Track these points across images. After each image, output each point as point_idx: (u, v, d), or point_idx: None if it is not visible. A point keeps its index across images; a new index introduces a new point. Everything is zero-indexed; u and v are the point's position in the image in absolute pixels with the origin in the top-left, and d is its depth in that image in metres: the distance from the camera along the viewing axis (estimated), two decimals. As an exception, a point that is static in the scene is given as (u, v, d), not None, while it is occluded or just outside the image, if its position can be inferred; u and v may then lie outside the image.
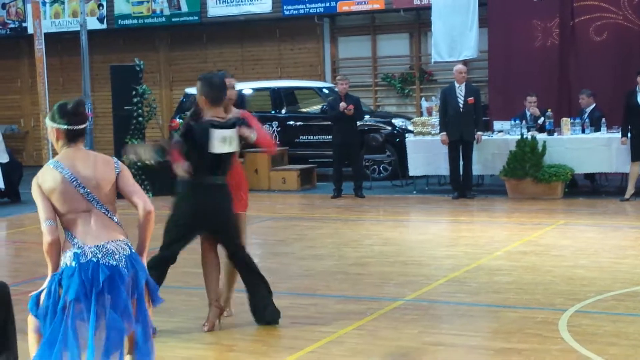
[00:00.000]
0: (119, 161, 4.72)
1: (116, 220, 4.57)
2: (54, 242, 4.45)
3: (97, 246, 4.42)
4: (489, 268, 8.68)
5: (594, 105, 14.38)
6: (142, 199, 4.63)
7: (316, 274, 8.74)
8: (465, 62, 16.36)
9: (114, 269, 4.40)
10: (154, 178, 15.67)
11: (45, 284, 4.52)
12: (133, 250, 4.56)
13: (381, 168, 17.03)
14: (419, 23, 19.74)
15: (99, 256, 4.40)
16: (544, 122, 14.37)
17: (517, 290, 7.67)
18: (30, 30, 19.48)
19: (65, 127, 4.59)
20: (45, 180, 4.51)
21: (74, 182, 4.48)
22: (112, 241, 4.47)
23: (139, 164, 6.21)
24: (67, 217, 4.48)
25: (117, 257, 4.44)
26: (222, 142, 6.27)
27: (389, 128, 17.13)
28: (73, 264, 4.37)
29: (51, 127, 4.64)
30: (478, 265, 8.79)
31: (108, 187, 4.56)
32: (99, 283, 4.36)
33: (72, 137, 4.61)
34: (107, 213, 4.53)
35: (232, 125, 6.36)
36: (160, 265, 6.42)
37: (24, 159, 19.18)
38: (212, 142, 6.24)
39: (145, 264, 4.66)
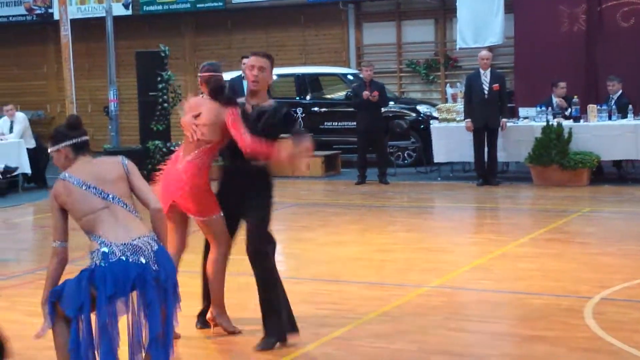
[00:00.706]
0: (125, 158, 4.75)
1: (136, 213, 4.58)
2: (61, 262, 4.54)
3: (125, 244, 4.41)
4: (513, 255, 8.66)
5: (621, 91, 14.26)
6: (152, 198, 4.66)
7: (340, 260, 8.75)
8: (490, 49, 16.27)
9: (144, 267, 4.41)
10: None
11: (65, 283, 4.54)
12: (160, 244, 4.56)
13: (405, 154, 17.00)
14: (444, 9, 19.64)
15: (128, 254, 4.39)
16: (570, 111, 14.27)
17: (542, 277, 7.64)
18: (56, 16, 19.55)
19: (70, 142, 4.66)
20: (58, 193, 4.56)
21: (84, 186, 4.52)
22: (139, 238, 4.46)
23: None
24: (87, 218, 4.49)
25: (146, 254, 4.44)
26: None
27: (414, 114, 17.09)
28: (103, 263, 4.37)
29: (57, 150, 4.68)
30: (503, 252, 8.77)
31: (120, 182, 4.59)
32: (130, 281, 4.37)
33: (77, 150, 4.67)
34: (125, 207, 4.55)
35: None
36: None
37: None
38: None
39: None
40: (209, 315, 6.21)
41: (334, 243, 9.67)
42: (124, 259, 4.37)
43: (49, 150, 4.76)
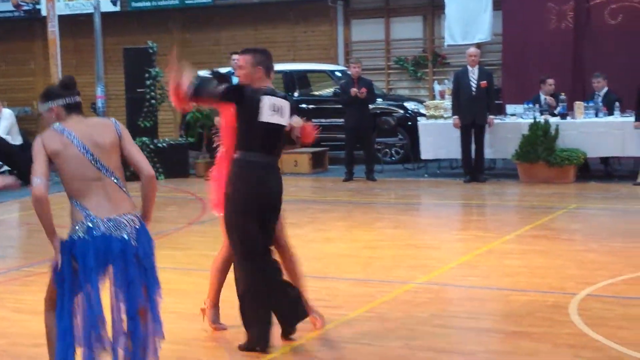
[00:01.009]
0: (118, 122, 4.71)
1: (125, 189, 4.58)
2: (41, 199, 4.39)
3: (110, 219, 4.44)
4: (500, 251, 8.69)
5: (607, 88, 14.30)
6: (144, 163, 4.62)
7: (327, 256, 8.76)
8: (478, 45, 16.32)
9: (125, 243, 4.44)
10: (166, 160, 15.76)
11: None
12: (142, 223, 4.58)
13: (393, 151, 17.03)
14: (432, 6, 19.69)
15: (112, 229, 4.42)
16: (558, 109, 14.32)
17: (528, 273, 7.68)
18: (43, 13, 19.51)
19: (63, 101, 4.59)
20: (52, 142, 4.49)
21: (82, 149, 4.48)
22: (124, 214, 4.49)
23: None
24: (77, 185, 4.47)
25: (128, 230, 4.47)
26: (273, 110, 5.65)
27: (401, 111, 17.11)
28: (87, 237, 4.40)
29: (49, 109, 4.60)
30: (489, 249, 8.80)
31: (113, 151, 4.56)
32: (112, 256, 4.40)
33: (70, 111, 4.60)
34: (117, 182, 4.53)
35: (284, 98, 5.76)
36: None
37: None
38: (262, 110, 5.60)
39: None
40: (202, 306, 6.21)
41: (321, 240, 9.68)
42: (107, 234, 4.41)
43: (39, 109, 4.67)
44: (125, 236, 4.45)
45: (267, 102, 5.63)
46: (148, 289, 4.55)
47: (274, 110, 5.63)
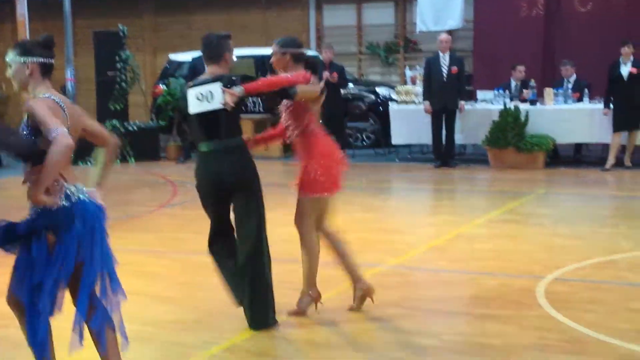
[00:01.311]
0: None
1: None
2: (69, 149, 4.13)
3: (76, 186, 4.40)
4: (469, 236, 8.76)
5: (576, 75, 14.39)
6: (107, 133, 4.66)
7: (297, 240, 8.73)
8: (450, 32, 16.36)
9: (100, 207, 4.45)
10: (137, 143, 15.70)
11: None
12: None
13: (364, 136, 17.06)
14: (404, -8, 19.71)
15: (85, 195, 4.39)
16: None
17: (497, 257, 7.75)
18: (12, -6, 19.28)
19: (42, 60, 4.43)
20: (52, 106, 4.30)
21: (72, 131, 4.41)
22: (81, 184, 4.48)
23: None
24: None
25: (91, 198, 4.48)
26: (198, 99, 5.66)
27: (373, 97, 17.14)
28: (66, 204, 4.33)
29: (24, 62, 4.39)
30: (458, 233, 8.86)
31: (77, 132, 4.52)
32: (99, 219, 4.39)
33: (45, 72, 4.46)
34: (71, 160, 4.52)
35: (217, 79, 5.68)
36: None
37: (5, 124, 19.06)
38: (189, 102, 5.72)
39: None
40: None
41: (291, 223, 9.65)
42: (88, 199, 4.38)
43: (10, 59, 4.46)
44: (98, 201, 4.46)
45: (190, 95, 5.72)
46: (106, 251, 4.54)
47: (199, 99, 5.68)
